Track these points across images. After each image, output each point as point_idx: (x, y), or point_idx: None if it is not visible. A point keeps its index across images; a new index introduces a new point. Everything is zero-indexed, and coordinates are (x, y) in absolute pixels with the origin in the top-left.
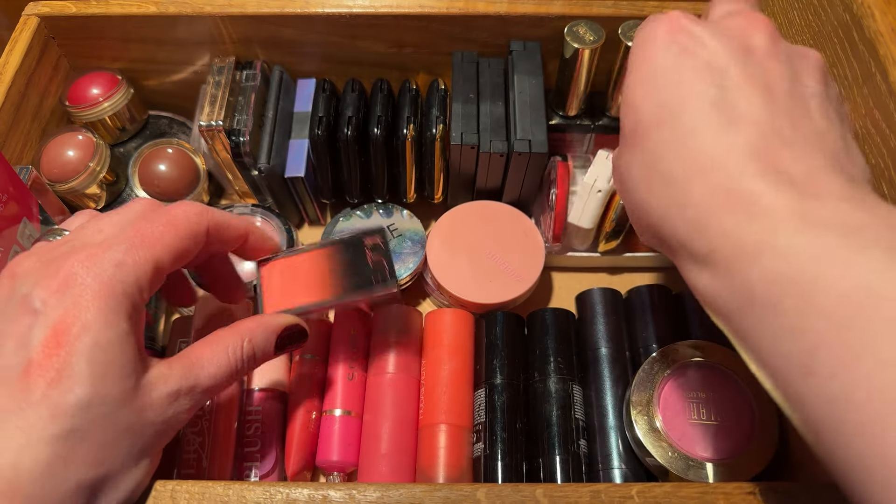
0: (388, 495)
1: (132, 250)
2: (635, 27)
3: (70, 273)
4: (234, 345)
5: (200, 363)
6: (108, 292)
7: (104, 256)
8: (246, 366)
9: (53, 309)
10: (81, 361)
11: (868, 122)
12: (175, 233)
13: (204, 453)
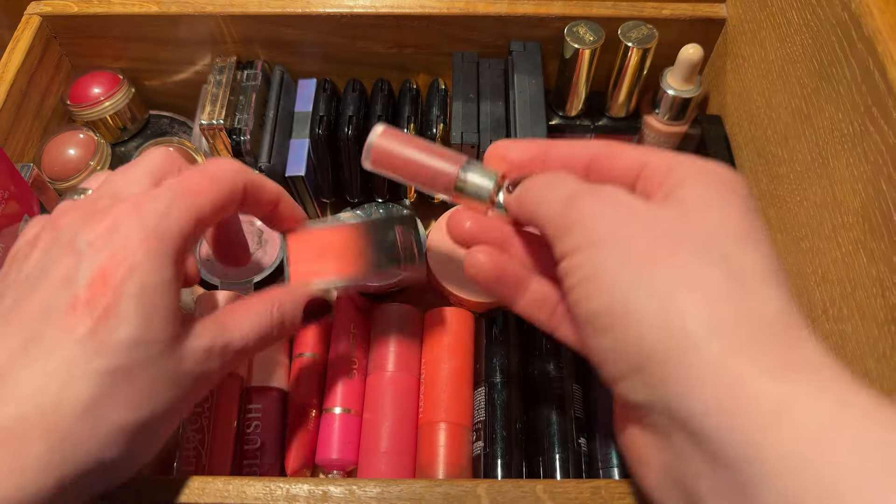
0: (389, 491)
1: (177, 200)
2: (635, 28)
3: (116, 219)
4: (264, 310)
5: (232, 325)
6: (154, 238)
7: (149, 206)
8: (275, 332)
9: (100, 250)
10: (129, 301)
11: (867, 119)
12: (217, 187)
13: (203, 451)
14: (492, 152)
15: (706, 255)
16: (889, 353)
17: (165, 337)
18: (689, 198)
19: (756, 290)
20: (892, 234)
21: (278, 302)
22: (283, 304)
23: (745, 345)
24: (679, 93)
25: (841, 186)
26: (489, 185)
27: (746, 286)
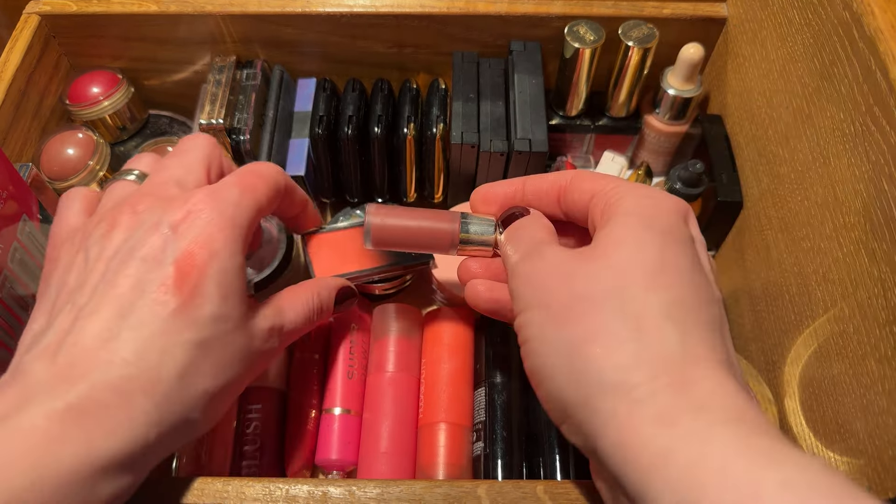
0: (388, 492)
1: (245, 193)
2: (636, 27)
3: (195, 207)
4: (308, 296)
5: (287, 308)
6: (230, 227)
7: (224, 196)
8: (315, 316)
9: (184, 234)
10: (211, 283)
11: (868, 119)
12: (268, 184)
13: (203, 451)
14: (476, 198)
15: (612, 305)
16: (891, 353)
17: (239, 315)
18: (611, 240)
19: (654, 334)
20: (893, 233)
21: (317, 289)
22: (321, 290)
23: (641, 390)
24: (680, 92)
25: (842, 186)
26: (490, 231)
27: (645, 331)
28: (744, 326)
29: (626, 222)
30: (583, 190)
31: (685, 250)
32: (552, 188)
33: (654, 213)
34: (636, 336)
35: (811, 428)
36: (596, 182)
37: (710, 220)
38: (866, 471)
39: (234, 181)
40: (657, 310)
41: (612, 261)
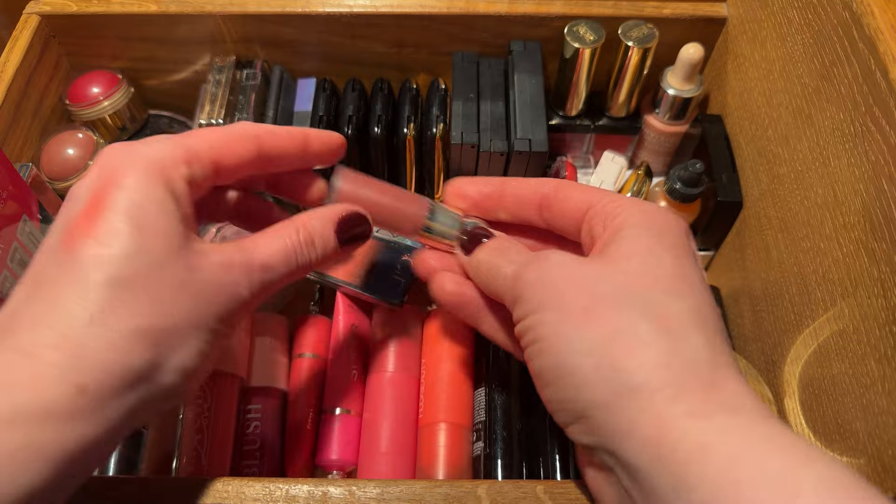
0: (389, 492)
1: (164, 139)
2: (636, 27)
3: (105, 158)
4: (287, 230)
5: (256, 244)
6: (141, 163)
7: (136, 143)
8: (305, 251)
9: (90, 184)
10: (118, 217)
11: (868, 119)
12: (218, 133)
13: (203, 451)
14: (450, 190)
15: (635, 307)
16: (891, 353)
17: (164, 247)
18: (623, 250)
19: (681, 337)
20: (893, 234)
21: (302, 221)
22: (307, 223)
23: (671, 389)
24: (680, 92)
25: (842, 186)
26: (456, 227)
27: (672, 333)
28: (744, 326)
29: (637, 234)
30: (574, 200)
31: (694, 263)
32: (534, 196)
33: (662, 228)
34: (663, 338)
35: (811, 428)
36: (589, 194)
37: (710, 220)
38: (866, 471)
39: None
40: (680, 314)
41: (630, 268)
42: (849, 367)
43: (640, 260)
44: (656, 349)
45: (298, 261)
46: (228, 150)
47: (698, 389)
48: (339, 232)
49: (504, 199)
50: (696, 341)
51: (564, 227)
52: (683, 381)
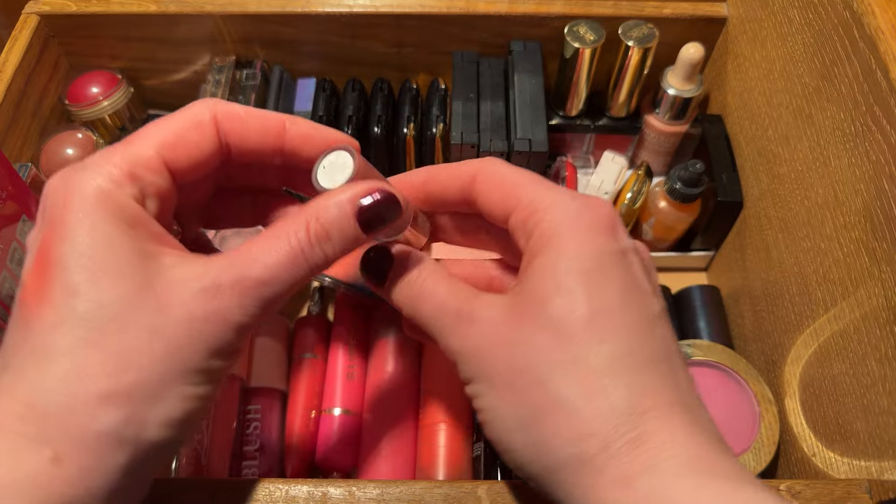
0: (388, 492)
1: (104, 154)
2: (636, 27)
3: (45, 198)
4: (297, 227)
5: (252, 253)
6: (80, 201)
7: (70, 168)
8: (318, 249)
9: (37, 234)
10: (64, 274)
11: (868, 119)
12: (161, 123)
13: (202, 452)
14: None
15: (555, 374)
16: (891, 354)
17: (122, 294)
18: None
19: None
20: (894, 233)
21: (315, 212)
22: (322, 211)
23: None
24: (680, 92)
25: (842, 186)
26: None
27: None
28: (744, 326)
29: (548, 269)
30: (495, 203)
31: (615, 279)
32: (455, 185)
33: (577, 243)
34: (584, 403)
35: (812, 428)
36: (508, 195)
37: (710, 220)
38: (867, 471)
39: None
40: (599, 367)
41: (543, 319)
42: (849, 367)
43: (553, 304)
44: (579, 418)
45: (310, 263)
46: (182, 148)
47: (624, 451)
48: (361, 218)
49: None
50: (617, 395)
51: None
52: (608, 445)
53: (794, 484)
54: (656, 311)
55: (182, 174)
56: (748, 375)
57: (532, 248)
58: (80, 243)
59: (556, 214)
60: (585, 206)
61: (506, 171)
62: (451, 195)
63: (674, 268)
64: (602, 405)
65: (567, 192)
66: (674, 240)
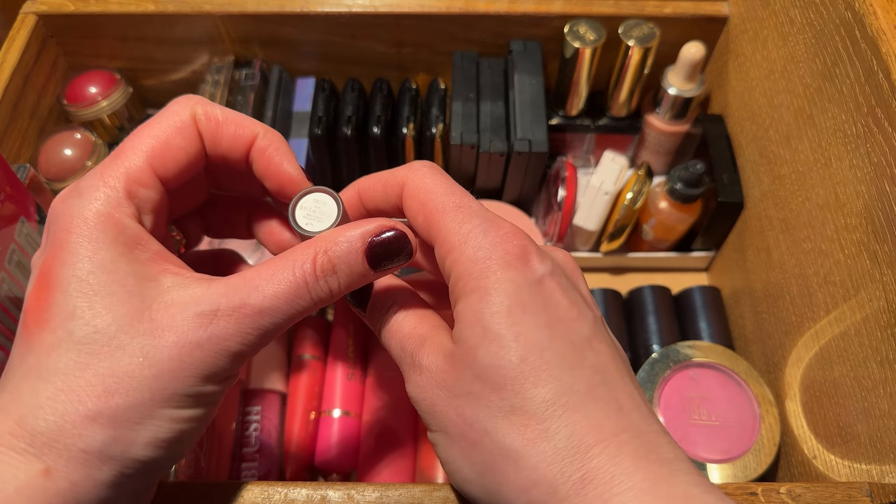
0: (388, 495)
1: (98, 172)
2: (636, 26)
3: (50, 221)
4: (304, 258)
5: (254, 281)
6: (81, 226)
7: (71, 191)
8: (323, 282)
9: (40, 255)
10: (63, 298)
11: (870, 120)
12: (146, 131)
13: (202, 453)
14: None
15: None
16: (892, 356)
17: (116, 319)
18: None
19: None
20: (895, 236)
21: (324, 245)
22: (331, 246)
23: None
24: (681, 92)
25: (844, 188)
26: None
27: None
28: (745, 328)
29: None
30: (420, 227)
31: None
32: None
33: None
34: (528, 451)
35: (812, 430)
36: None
37: (710, 221)
38: (868, 474)
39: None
40: (537, 412)
41: (477, 369)
42: (850, 369)
43: (479, 354)
44: (526, 466)
45: (313, 296)
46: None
47: (573, 493)
48: (370, 255)
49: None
50: (558, 439)
51: None
52: (556, 489)
53: (795, 486)
54: (587, 332)
55: (171, 181)
56: (749, 377)
57: (453, 289)
58: (80, 268)
59: (469, 254)
60: (496, 242)
61: (430, 188)
62: (388, 208)
63: (674, 268)
64: (546, 450)
65: (480, 227)
66: (674, 240)
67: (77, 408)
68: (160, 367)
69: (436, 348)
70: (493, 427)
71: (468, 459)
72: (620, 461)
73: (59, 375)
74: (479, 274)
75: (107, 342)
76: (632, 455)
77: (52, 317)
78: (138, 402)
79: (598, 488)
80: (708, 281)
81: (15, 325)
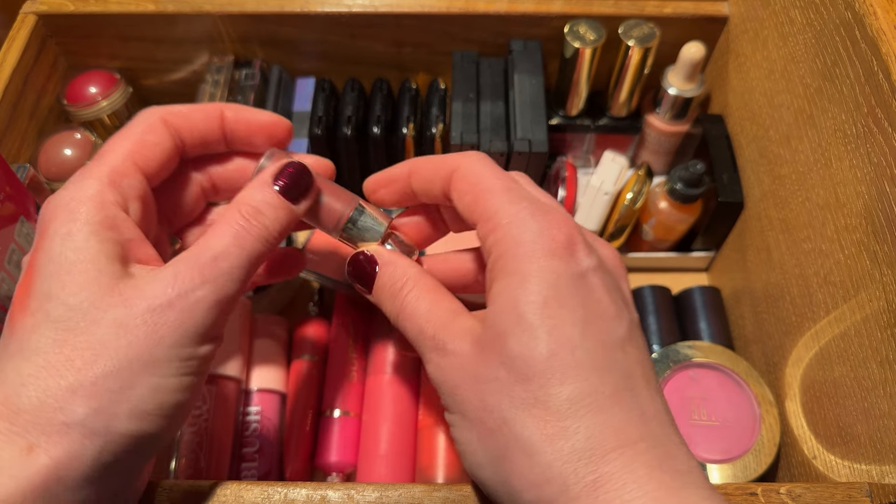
0: (387, 495)
1: (84, 169)
2: (636, 26)
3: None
4: (232, 213)
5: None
6: (61, 212)
7: (62, 190)
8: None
9: (31, 250)
10: (40, 282)
11: (870, 120)
12: (121, 136)
13: (202, 453)
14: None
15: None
16: (892, 357)
17: (92, 296)
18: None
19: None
20: (895, 236)
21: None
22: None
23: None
24: (681, 92)
25: (844, 188)
26: (378, 234)
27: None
28: (745, 328)
29: (506, 301)
30: (466, 206)
31: (575, 308)
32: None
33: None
34: (545, 446)
35: (812, 431)
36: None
37: (711, 221)
38: (868, 474)
39: None
40: (559, 409)
41: (504, 357)
42: (850, 370)
43: (512, 342)
44: (540, 462)
45: (255, 237)
46: (146, 150)
47: (583, 495)
48: (282, 190)
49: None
50: (577, 438)
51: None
52: (567, 488)
53: (795, 487)
54: (621, 334)
55: (153, 175)
56: (749, 377)
57: (492, 268)
58: (54, 251)
59: (514, 234)
60: (544, 227)
61: (481, 172)
62: (434, 190)
63: (674, 268)
64: (563, 448)
65: (528, 209)
66: (674, 240)
67: (58, 382)
68: (135, 333)
69: (462, 331)
70: (512, 417)
71: (483, 445)
72: (635, 469)
73: (40, 354)
74: (521, 257)
75: (81, 318)
76: (647, 464)
77: (31, 301)
78: (116, 371)
79: (609, 493)
80: (708, 281)
81: None
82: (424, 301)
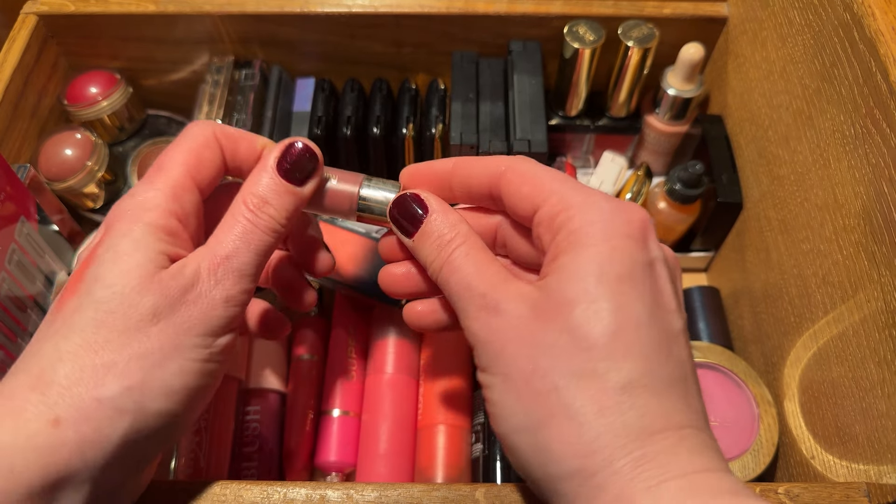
0: (387, 495)
1: (146, 179)
2: (636, 27)
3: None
4: (237, 207)
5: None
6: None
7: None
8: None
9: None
10: (95, 266)
11: (868, 121)
12: (179, 148)
13: (201, 453)
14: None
15: (571, 383)
16: (890, 357)
17: (135, 282)
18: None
19: (614, 413)
20: (893, 237)
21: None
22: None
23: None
24: (680, 92)
25: (842, 188)
26: (392, 196)
27: (604, 412)
28: (743, 328)
29: (576, 271)
30: (523, 196)
31: (644, 292)
32: (483, 176)
33: (608, 247)
34: (595, 418)
35: (810, 431)
36: (537, 190)
37: (710, 221)
38: (866, 474)
39: None
40: (616, 385)
41: (567, 325)
42: (848, 370)
43: (578, 313)
44: (588, 433)
45: (263, 229)
46: (204, 166)
47: (627, 469)
48: (287, 173)
49: (454, 179)
50: (629, 415)
51: (518, 219)
52: (612, 461)
53: (793, 487)
54: (678, 328)
55: (204, 190)
56: (747, 377)
57: (559, 244)
58: (112, 242)
59: (588, 214)
60: (619, 210)
61: (538, 169)
62: (477, 186)
63: None
64: (614, 422)
65: (600, 194)
66: (673, 241)
67: (94, 360)
68: (167, 321)
69: (517, 294)
70: (566, 385)
71: (524, 408)
72: (678, 452)
73: (79, 332)
74: (597, 233)
75: (121, 300)
76: (689, 449)
77: (81, 284)
78: (150, 353)
79: (651, 471)
80: (707, 281)
81: (15, 324)
82: (473, 258)
